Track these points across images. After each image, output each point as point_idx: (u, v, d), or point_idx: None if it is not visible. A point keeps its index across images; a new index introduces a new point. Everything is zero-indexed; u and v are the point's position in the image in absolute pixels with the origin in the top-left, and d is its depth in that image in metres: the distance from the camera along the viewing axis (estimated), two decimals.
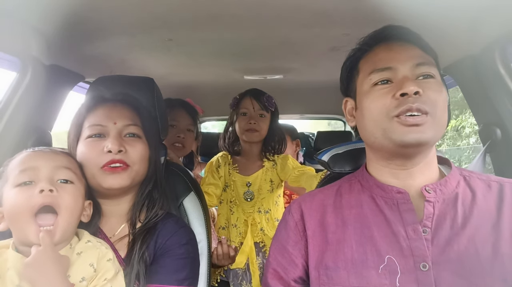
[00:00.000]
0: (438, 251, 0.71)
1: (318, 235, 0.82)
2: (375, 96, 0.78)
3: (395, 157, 0.78)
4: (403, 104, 0.73)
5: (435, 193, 0.76)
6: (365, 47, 0.84)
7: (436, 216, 0.74)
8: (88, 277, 0.77)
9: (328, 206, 0.85)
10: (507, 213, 0.72)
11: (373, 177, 0.84)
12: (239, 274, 1.61)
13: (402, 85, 0.74)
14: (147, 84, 1.13)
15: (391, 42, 0.81)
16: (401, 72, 0.77)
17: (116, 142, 0.88)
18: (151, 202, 0.97)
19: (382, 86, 0.78)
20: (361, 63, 0.84)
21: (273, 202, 1.69)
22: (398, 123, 0.73)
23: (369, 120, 0.79)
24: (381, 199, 0.80)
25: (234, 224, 1.66)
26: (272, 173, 1.69)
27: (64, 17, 1.07)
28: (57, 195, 0.77)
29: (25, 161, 0.80)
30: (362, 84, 0.82)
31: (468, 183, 0.79)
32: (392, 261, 0.72)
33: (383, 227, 0.76)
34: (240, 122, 1.63)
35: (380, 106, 0.76)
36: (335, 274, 0.76)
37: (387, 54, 0.79)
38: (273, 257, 0.87)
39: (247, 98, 1.63)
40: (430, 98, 0.73)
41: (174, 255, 0.91)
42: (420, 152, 0.76)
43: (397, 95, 0.74)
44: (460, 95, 1.22)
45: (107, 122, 0.91)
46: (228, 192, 1.69)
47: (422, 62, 0.77)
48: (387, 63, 0.78)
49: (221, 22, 1.16)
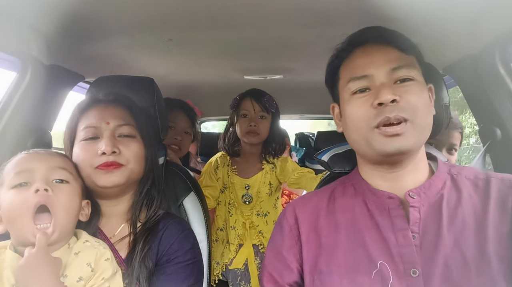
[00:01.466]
0: (426, 256, 0.70)
1: (312, 239, 0.82)
2: (355, 105, 0.77)
3: (381, 163, 0.79)
4: (381, 115, 0.72)
5: (419, 197, 0.76)
6: (343, 53, 0.84)
7: (423, 220, 0.74)
8: (85, 277, 0.77)
9: (322, 210, 0.85)
10: (493, 211, 0.71)
11: (365, 180, 0.84)
12: (238, 274, 1.61)
13: (379, 94, 0.73)
14: (147, 84, 1.13)
15: (367, 46, 0.80)
16: (378, 79, 0.76)
17: (110, 144, 0.88)
18: (149, 200, 0.97)
19: (361, 95, 0.77)
20: (341, 69, 0.84)
21: (271, 205, 1.68)
22: (379, 134, 0.73)
23: (351, 129, 0.79)
24: (373, 204, 0.79)
25: (233, 226, 1.65)
26: (271, 175, 1.68)
27: (64, 17, 1.07)
28: (53, 194, 0.77)
29: (20, 163, 0.80)
30: (343, 93, 0.82)
31: (455, 183, 0.78)
32: (385, 267, 0.72)
33: (374, 233, 0.76)
34: (241, 124, 1.62)
35: (361, 116, 0.76)
36: (328, 278, 0.76)
37: (363, 60, 0.79)
38: (268, 260, 0.87)
39: (248, 99, 1.62)
40: (410, 103, 0.72)
41: (181, 262, 0.91)
42: (405, 158, 0.76)
43: (375, 104, 0.73)
44: (460, 95, 1.21)
45: (100, 123, 0.91)
46: (226, 193, 1.67)
47: (399, 66, 0.76)
48: (363, 71, 0.77)
49: (221, 22, 1.16)
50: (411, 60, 0.78)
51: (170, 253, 0.91)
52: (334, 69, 0.86)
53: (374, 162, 0.80)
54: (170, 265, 0.90)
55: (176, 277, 0.89)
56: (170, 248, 0.91)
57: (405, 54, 0.78)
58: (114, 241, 0.92)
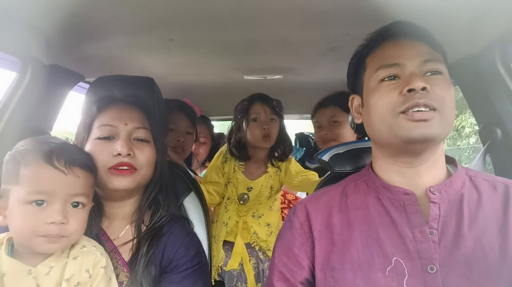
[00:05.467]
0: (445, 253, 0.70)
1: (324, 236, 0.81)
2: (382, 93, 0.77)
3: (401, 154, 0.77)
4: (410, 100, 0.71)
5: (440, 193, 0.75)
6: (373, 43, 0.83)
7: (442, 217, 0.73)
8: (83, 282, 0.77)
9: (334, 207, 0.84)
10: None
11: (379, 176, 0.83)
12: (234, 275, 1.60)
13: (409, 81, 0.72)
14: (147, 84, 1.13)
15: (398, 39, 0.80)
16: (409, 68, 0.75)
17: (126, 146, 0.88)
18: (156, 205, 0.97)
19: (389, 83, 0.76)
20: (368, 59, 0.83)
21: (268, 207, 1.68)
22: (404, 119, 0.72)
23: (375, 117, 0.78)
24: (387, 200, 0.78)
25: (225, 223, 1.63)
26: (274, 179, 1.67)
27: (64, 17, 1.07)
28: (68, 225, 0.76)
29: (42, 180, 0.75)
30: (369, 81, 0.81)
31: (474, 184, 0.78)
32: (399, 263, 0.71)
33: (390, 229, 0.75)
34: (253, 129, 1.58)
35: (387, 103, 0.75)
36: (341, 275, 0.75)
37: (394, 50, 0.78)
38: (278, 258, 0.85)
39: (257, 103, 1.60)
40: (438, 95, 0.72)
41: (190, 268, 0.91)
42: (427, 148, 0.75)
43: (404, 91, 0.72)
44: (460, 95, 1.21)
45: (118, 123, 0.91)
46: (229, 188, 1.66)
47: (430, 59, 0.76)
48: (394, 60, 0.77)
49: (221, 22, 1.16)
50: (439, 56, 0.78)
51: (177, 258, 0.90)
52: (360, 59, 0.85)
53: (395, 153, 0.78)
54: (178, 272, 0.90)
55: (184, 284, 0.89)
56: (177, 252, 0.91)
57: (434, 50, 0.78)
58: (117, 243, 0.92)
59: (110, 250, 0.91)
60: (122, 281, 0.89)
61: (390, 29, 0.82)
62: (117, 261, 0.91)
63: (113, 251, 0.91)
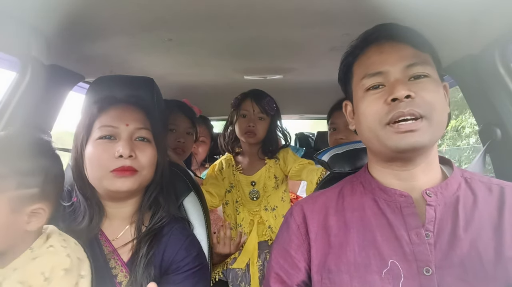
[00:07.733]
0: (441, 255, 0.70)
1: (320, 238, 0.81)
2: (368, 102, 0.77)
3: (394, 160, 0.78)
4: (395, 110, 0.71)
5: (436, 196, 0.75)
6: (357, 50, 0.83)
7: (438, 219, 0.73)
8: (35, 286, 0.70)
9: (330, 208, 0.84)
10: (508, 217, 0.71)
11: (375, 178, 0.83)
12: (238, 275, 1.60)
13: (393, 90, 0.72)
14: (147, 84, 1.13)
15: (381, 44, 0.79)
16: (393, 75, 0.75)
17: (128, 147, 0.87)
18: (156, 206, 0.97)
19: (375, 91, 0.76)
20: (355, 66, 0.84)
21: (279, 198, 1.70)
22: (391, 131, 0.72)
23: (364, 126, 0.78)
24: (383, 202, 0.79)
25: (240, 224, 1.66)
26: (276, 168, 1.70)
27: (64, 17, 1.07)
28: None
29: None
30: (357, 89, 0.81)
31: (470, 186, 0.78)
32: (395, 266, 0.71)
33: (386, 231, 0.75)
34: (240, 124, 1.65)
35: (373, 113, 0.75)
36: (338, 278, 0.75)
37: (378, 57, 0.78)
38: (275, 260, 0.85)
39: (248, 100, 1.65)
40: (425, 100, 0.72)
41: (191, 269, 0.91)
42: (418, 154, 0.75)
43: (389, 100, 0.72)
44: (460, 95, 1.22)
45: (119, 123, 0.90)
46: (233, 192, 1.69)
47: (414, 63, 0.75)
48: (377, 68, 0.77)
49: (221, 22, 1.16)
50: (425, 57, 0.77)
51: (178, 260, 0.90)
52: (347, 67, 0.86)
53: (387, 160, 0.79)
54: (179, 273, 0.90)
55: (187, 284, 0.89)
56: (177, 254, 0.91)
57: (419, 51, 0.77)
58: (116, 244, 0.92)
59: (109, 251, 0.91)
60: (121, 282, 0.89)
61: (372, 33, 0.82)
62: (115, 261, 0.90)
63: (112, 251, 0.91)
